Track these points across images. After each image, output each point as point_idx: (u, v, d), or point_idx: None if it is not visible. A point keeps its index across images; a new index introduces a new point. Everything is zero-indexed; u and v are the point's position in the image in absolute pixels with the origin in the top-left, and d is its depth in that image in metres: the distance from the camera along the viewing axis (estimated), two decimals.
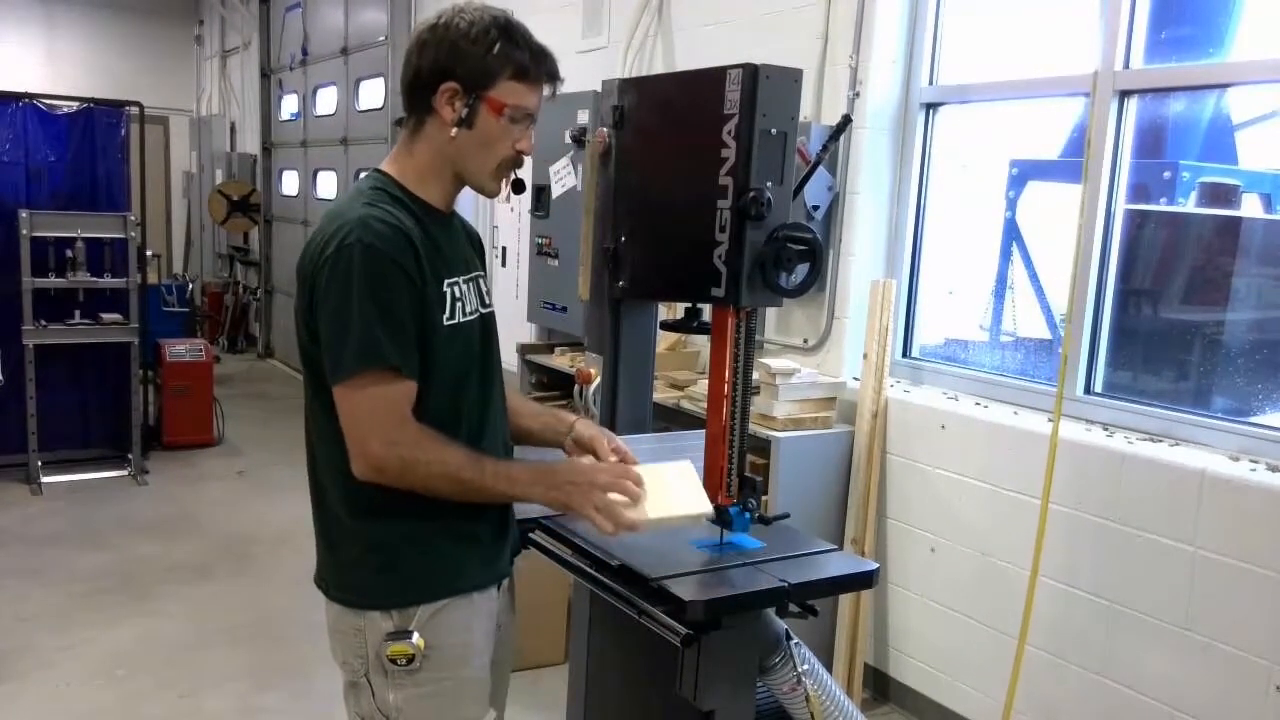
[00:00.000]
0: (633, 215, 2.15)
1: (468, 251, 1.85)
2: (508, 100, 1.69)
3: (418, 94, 1.71)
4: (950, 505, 3.35)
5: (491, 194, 1.79)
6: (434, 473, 1.63)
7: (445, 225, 1.78)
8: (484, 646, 1.80)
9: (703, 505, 1.85)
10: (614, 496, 1.70)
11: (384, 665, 1.70)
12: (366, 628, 1.71)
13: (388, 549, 1.71)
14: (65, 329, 5.68)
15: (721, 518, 1.98)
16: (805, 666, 1.91)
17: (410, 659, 1.68)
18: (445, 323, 1.69)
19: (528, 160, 1.80)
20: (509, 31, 1.69)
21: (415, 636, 1.69)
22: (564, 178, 4.25)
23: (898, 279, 3.70)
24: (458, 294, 1.72)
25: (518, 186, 1.83)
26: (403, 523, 1.69)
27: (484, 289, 1.86)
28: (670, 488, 1.82)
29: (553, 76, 1.75)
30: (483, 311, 1.81)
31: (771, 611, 1.87)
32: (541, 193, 4.50)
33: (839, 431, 3.58)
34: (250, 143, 10.21)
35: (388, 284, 1.60)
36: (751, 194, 1.87)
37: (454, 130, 1.69)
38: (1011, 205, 3.64)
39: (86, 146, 5.92)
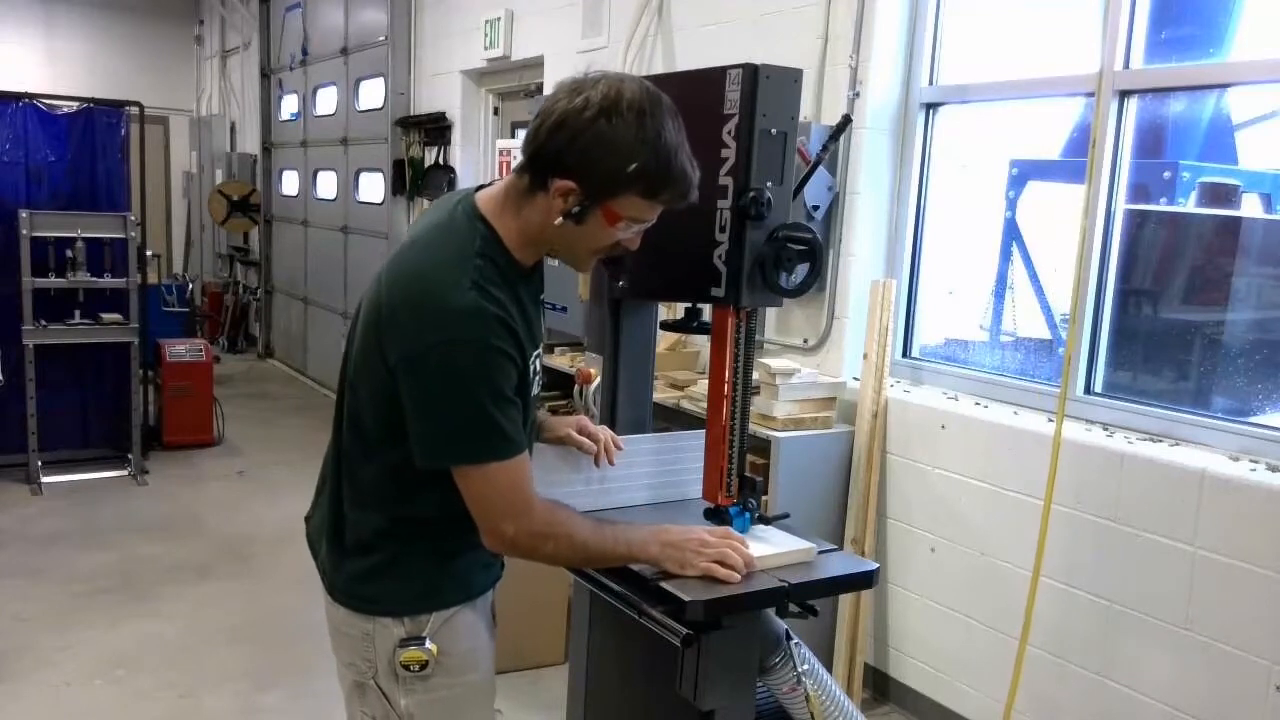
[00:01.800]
0: None
1: (542, 312, 1.81)
2: (625, 213, 1.60)
3: (537, 165, 1.58)
4: (950, 505, 3.35)
5: (580, 272, 1.76)
6: (562, 547, 1.68)
7: (531, 287, 1.71)
8: (490, 651, 1.81)
9: (804, 544, 1.94)
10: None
11: (396, 671, 1.70)
12: (376, 632, 1.71)
13: (406, 562, 1.70)
14: (65, 329, 5.68)
15: (721, 518, 1.99)
16: (805, 666, 1.91)
17: (424, 665, 1.68)
18: (529, 395, 1.68)
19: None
20: (657, 144, 1.54)
21: (429, 643, 1.69)
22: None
23: (898, 279, 3.70)
24: (536, 369, 1.71)
25: (612, 265, 1.78)
26: (426, 542, 1.70)
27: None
28: (768, 540, 1.95)
29: (687, 198, 1.64)
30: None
31: (771, 611, 1.87)
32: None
33: (839, 431, 3.58)
34: (250, 143, 10.21)
35: (502, 372, 1.56)
36: (751, 194, 1.87)
37: (559, 220, 1.58)
38: (1011, 205, 3.64)
39: (86, 146, 5.91)
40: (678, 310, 2.14)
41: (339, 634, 1.77)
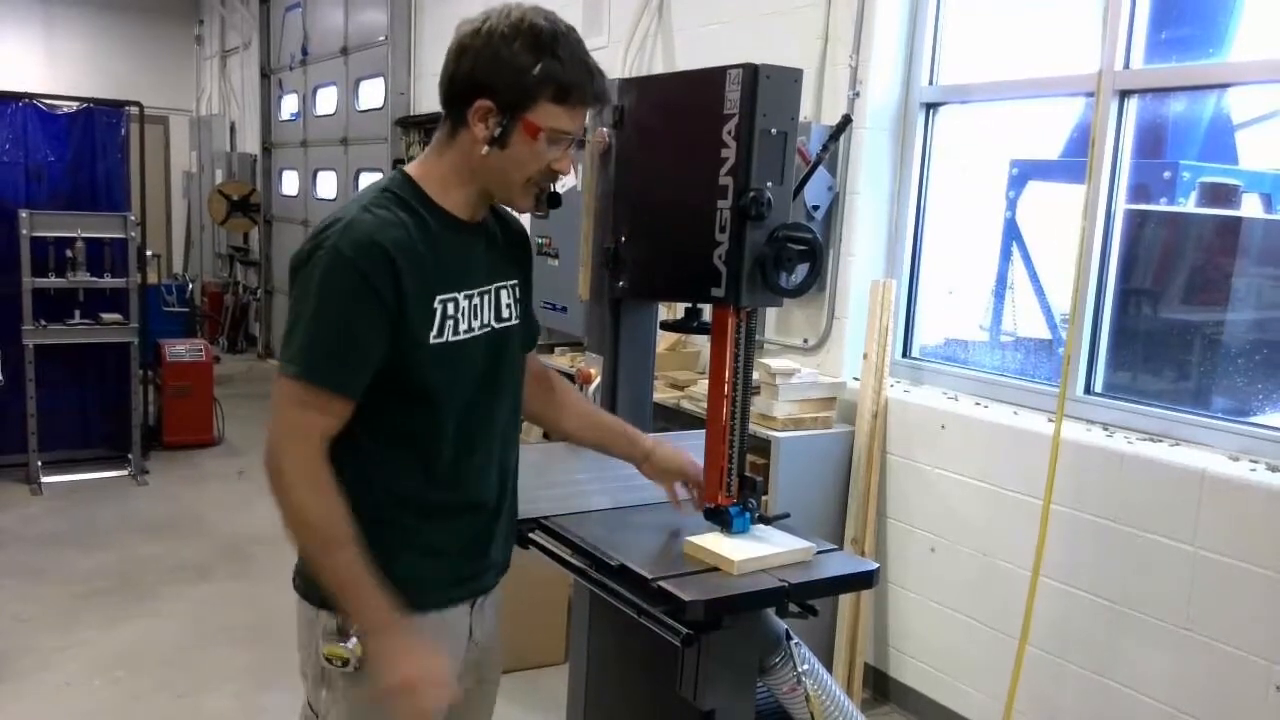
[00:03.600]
0: (633, 215, 2.15)
1: (492, 262, 1.74)
2: (544, 123, 1.60)
3: (453, 101, 1.62)
4: (950, 505, 3.35)
5: (521, 210, 1.71)
6: (288, 506, 1.56)
7: (463, 235, 1.68)
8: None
9: (804, 544, 1.94)
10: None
11: (320, 663, 1.66)
12: (315, 622, 1.68)
13: None
14: (65, 329, 5.68)
15: (721, 518, 1.99)
16: (805, 666, 1.91)
17: (345, 662, 1.62)
18: (432, 340, 1.61)
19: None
20: (554, 47, 1.58)
21: (353, 642, 1.62)
22: (564, 178, 4.25)
23: (898, 279, 3.70)
24: (451, 311, 1.64)
25: (552, 201, 1.74)
26: (373, 527, 1.60)
27: (508, 301, 1.76)
28: (768, 540, 1.94)
29: (599, 99, 1.67)
30: (495, 327, 1.73)
31: (771, 611, 1.87)
32: (542, 193, 4.50)
33: (839, 431, 3.57)
34: (250, 143, 10.20)
35: (351, 298, 1.53)
36: (751, 194, 1.87)
37: (485, 148, 1.60)
38: (1011, 205, 3.64)
39: (86, 146, 5.91)
40: (678, 310, 2.13)
41: (297, 621, 1.75)
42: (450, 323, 1.64)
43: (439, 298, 1.62)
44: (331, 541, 1.57)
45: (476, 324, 1.69)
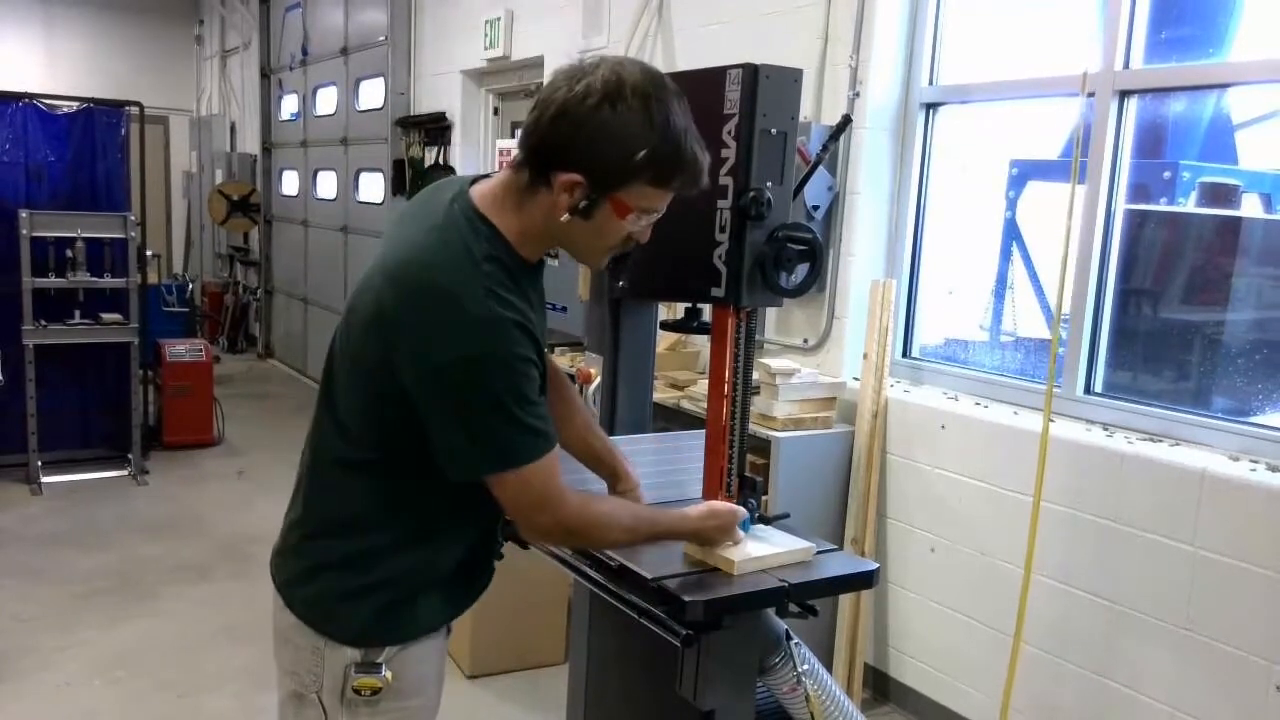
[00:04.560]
0: None
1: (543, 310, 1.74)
2: (636, 204, 1.52)
3: (539, 162, 1.50)
4: (950, 505, 3.35)
5: (593, 269, 1.69)
6: (593, 537, 1.70)
7: (537, 285, 1.64)
8: (438, 675, 1.76)
9: (804, 544, 1.95)
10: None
11: (343, 693, 1.64)
12: (326, 650, 1.64)
13: (378, 588, 1.63)
14: (65, 329, 5.67)
15: None
16: (805, 666, 1.91)
17: (376, 691, 1.63)
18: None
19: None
20: (665, 135, 1.47)
21: (385, 670, 1.63)
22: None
23: (898, 279, 3.70)
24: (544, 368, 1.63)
25: (619, 261, 1.71)
26: (400, 569, 1.63)
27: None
28: (768, 540, 1.97)
29: (697, 180, 1.55)
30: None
31: (771, 611, 1.87)
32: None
33: (839, 431, 3.57)
34: (250, 143, 10.20)
35: (527, 378, 1.50)
36: (751, 194, 1.87)
37: (566, 216, 1.51)
38: (1011, 205, 3.64)
39: (86, 146, 5.91)
40: (678, 310, 2.13)
41: (284, 640, 1.70)
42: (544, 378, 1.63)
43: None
44: (640, 528, 1.74)
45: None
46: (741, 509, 1.90)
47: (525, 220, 1.55)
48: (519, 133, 1.59)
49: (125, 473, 5.98)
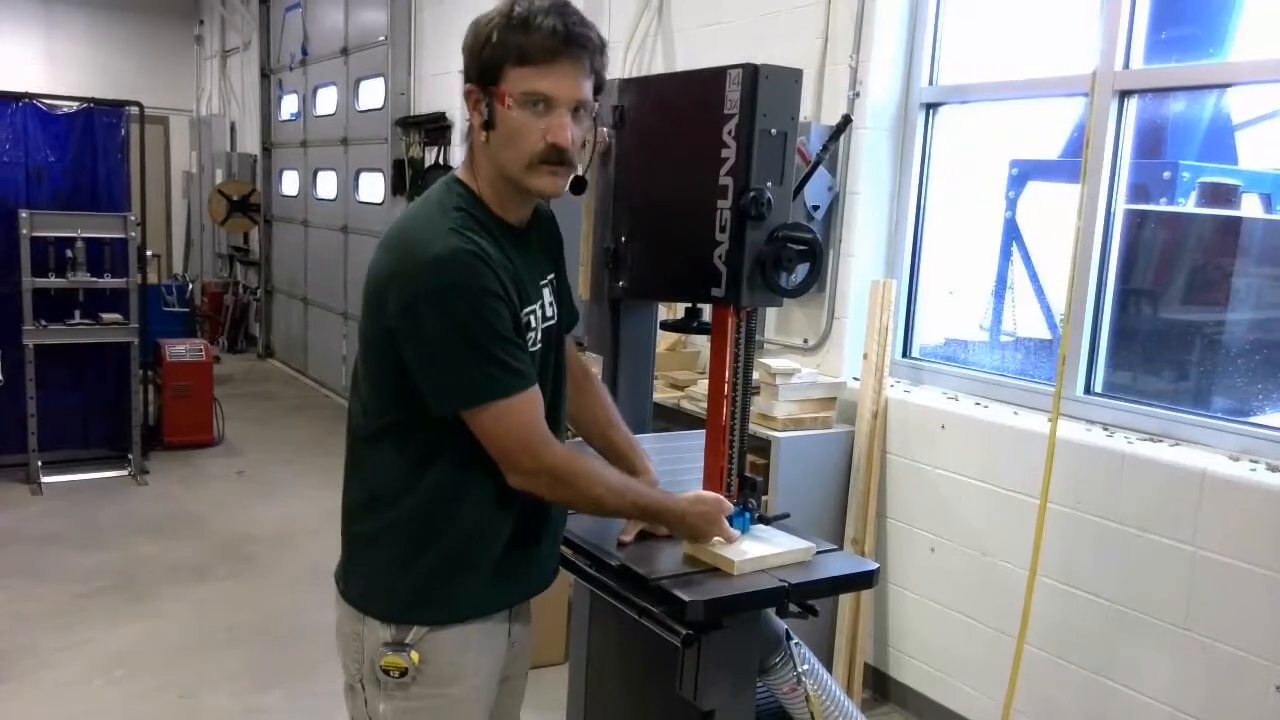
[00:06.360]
0: (633, 215, 2.15)
1: (541, 267, 1.77)
2: (512, 89, 1.56)
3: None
4: (950, 505, 3.35)
5: (541, 193, 1.65)
6: (580, 488, 1.67)
7: (521, 245, 1.70)
8: (480, 666, 1.75)
9: (804, 544, 1.93)
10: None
11: (377, 674, 1.67)
12: (365, 633, 1.69)
13: (406, 566, 1.66)
14: (65, 329, 5.68)
15: None
16: (805, 666, 1.91)
17: (403, 672, 1.65)
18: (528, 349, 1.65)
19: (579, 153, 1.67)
20: (509, 14, 1.56)
21: (412, 651, 1.66)
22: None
23: (898, 279, 3.70)
24: (531, 323, 1.67)
25: (576, 186, 1.73)
26: (433, 547, 1.66)
27: (550, 299, 1.78)
28: (768, 540, 1.94)
29: (566, 45, 1.55)
30: (544, 327, 1.73)
31: (771, 611, 1.87)
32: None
33: (839, 431, 3.57)
34: (250, 143, 10.21)
35: (495, 313, 1.55)
36: (751, 194, 1.87)
37: (483, 135, 1.61)
38: (1011, 205, 3.64)
39: (86, 146, 5.91)
40: (678, 310, 2.13)
41: (339, 633, 1.76)
42: (530, 335, 1.67)
43: (523, 311, 1.64)
44: (625, 490, 1.73)
45: (538, 337, 1.71)
46: (727, 501, 1.90)
47: (482, 170, 1.65)
48: None
49: (125, 473, 5.98)
